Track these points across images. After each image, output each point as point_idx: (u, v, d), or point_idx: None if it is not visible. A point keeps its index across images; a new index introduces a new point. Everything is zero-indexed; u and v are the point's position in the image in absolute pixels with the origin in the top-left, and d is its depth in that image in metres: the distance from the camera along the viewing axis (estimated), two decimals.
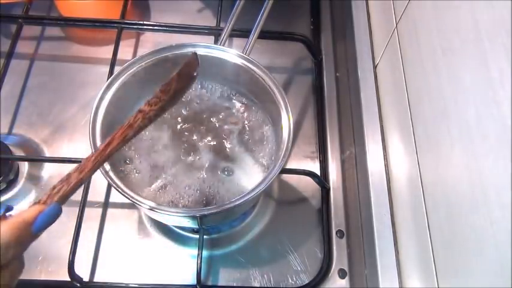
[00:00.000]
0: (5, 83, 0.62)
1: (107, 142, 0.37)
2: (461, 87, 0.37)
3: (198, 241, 0.54)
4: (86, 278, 0.54)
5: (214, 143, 0.53)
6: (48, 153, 0.62)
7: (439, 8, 0.41)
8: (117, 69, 0.55)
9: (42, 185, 0.60)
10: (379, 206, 0.50)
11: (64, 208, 0.33)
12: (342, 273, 0.56)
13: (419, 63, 0.46)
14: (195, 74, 0.43)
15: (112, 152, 0.37)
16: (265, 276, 0.56)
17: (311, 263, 0.57)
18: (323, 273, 0.55)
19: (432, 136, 0.42)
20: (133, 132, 0.39)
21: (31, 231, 0.31)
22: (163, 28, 0.68)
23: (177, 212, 0.43)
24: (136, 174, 0.50)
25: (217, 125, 0.54)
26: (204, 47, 0.51)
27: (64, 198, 0.34)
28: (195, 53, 0.43)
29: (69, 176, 0.35)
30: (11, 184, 0.59)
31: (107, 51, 0.67)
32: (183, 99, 0.54)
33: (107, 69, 0.62)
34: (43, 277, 0.54)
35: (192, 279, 0.53)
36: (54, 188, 0.34)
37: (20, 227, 0.30)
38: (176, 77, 0.41)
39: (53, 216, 0.32)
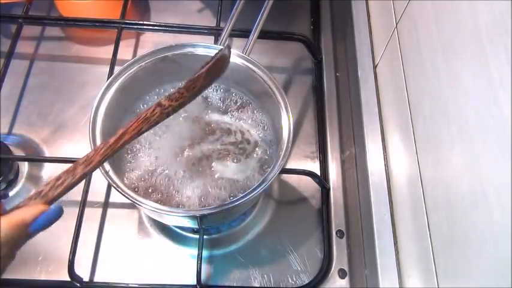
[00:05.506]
0: (5, 83, 0.62)
1: (119, 135, 0.35)
2: (461, 87, 0.37)
3: (198, 241, 0.54)
4: (86, 278, 0.54)
5: (213, 142, 0.53)
6: (48, 153, 0.62)
7: (439, 8, 0.41)
8: (117, 69, 0.55)
9: (42, 185, 0.60)
10: (379, 206, 0.50)
11: (64, 208, 0.33)
12: (342, 273, 0.56)
13: (419, 63, 0.46)
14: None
15: (123, 146, 0.35)
16: (265, 276, 0.56)
17: (311, 263, 0.57)
18: (323, 273, 0.55)
19: (432, 136, 0.42)
20: (148, 126, 0.37)
21: (28, 231, 0.30)
22: (163, 28, 0.67)
23: (177, 212, 0.43)
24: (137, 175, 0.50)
25: (216, 125, 0.54)
26: (204, 47, 0.51)
27: (67, 190, 0.32)
28: (229, 49, 0.40)
29: (75, 167, 0.33)
30: (11, 184, 0.59)
31: (107, 51, 0.67)
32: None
33: (107, 69, 0.62)
34: (43, 277, 0.54)
35: (192, 279, 0.53)
36: (58, 178, 0.32)
37: (18, 227, 0.29)
38: (204, 75, 0.38)
39: (53, 219, 0.31)
